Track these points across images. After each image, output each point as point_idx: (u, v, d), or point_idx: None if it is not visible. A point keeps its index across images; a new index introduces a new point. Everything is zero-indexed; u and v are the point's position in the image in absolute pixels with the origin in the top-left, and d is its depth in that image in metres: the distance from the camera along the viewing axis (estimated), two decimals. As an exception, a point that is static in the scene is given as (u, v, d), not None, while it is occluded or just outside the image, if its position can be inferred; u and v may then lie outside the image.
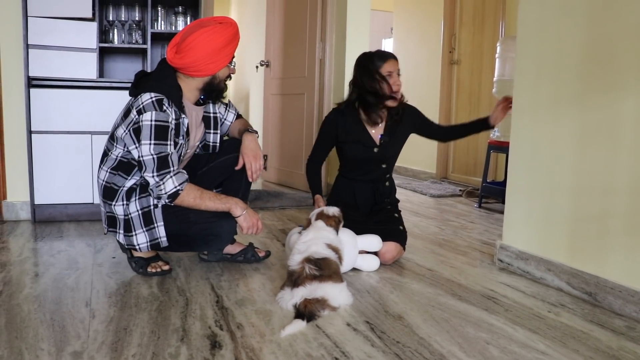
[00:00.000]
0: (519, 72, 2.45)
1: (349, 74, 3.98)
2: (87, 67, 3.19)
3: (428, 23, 5.76)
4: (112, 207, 2.18)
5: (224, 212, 2.17)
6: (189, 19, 3.51)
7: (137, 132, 2.06)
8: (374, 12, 4.83)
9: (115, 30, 3.43)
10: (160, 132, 2.06)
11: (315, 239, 2.04)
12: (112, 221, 2.21)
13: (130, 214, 2.16)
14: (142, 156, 2.05)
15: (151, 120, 2.04)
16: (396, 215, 2.67)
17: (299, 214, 3.68)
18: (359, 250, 2.37)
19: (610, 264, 2.03)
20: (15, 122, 3.21)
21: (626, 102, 1.95)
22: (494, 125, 2.68)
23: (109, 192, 2.19)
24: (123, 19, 3.47)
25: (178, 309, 1.89)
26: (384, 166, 2.69)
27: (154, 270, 2.26)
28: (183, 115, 2.18)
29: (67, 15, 3.13)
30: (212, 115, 2.43)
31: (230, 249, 2.53)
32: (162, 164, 2.05)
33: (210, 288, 2.12)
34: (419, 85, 5.82)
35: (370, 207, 2.72)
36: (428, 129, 2.81)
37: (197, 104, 2.33)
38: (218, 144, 2.45)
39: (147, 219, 2.15)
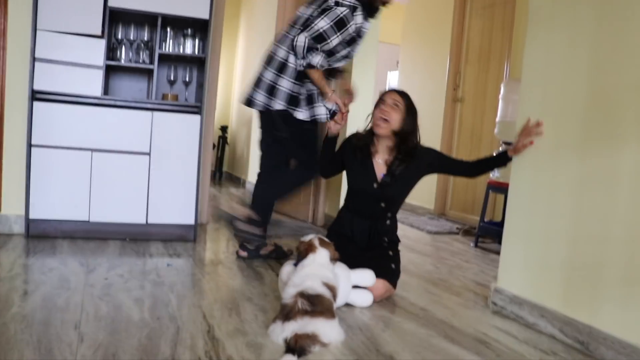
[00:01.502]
0: (521, 116, 2.46)
1: (353, 105, 4.01)
2: (92, 83, 3.21)
3: (434, 58, 5.81)
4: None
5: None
6: (197, 41, 3.54)
7: (325, 10, 2.71)
8: (381, 44, 4.86)
9: (123, 48, 3.45)
10: (339, 25, 2.71)
11: (312, 275, 2.03)
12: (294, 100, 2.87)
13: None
14: (315, 24, 2.71)
15: (341, 13, 2.69)
16: (391, 253, 2.66)
17: (295, 244, 3.65)
18: (352, 285, 2.36)
19: (604, 314, 2.02)
20: (16, 134, 3.20)
21: (625, 154, 1.96)
22: (515, 155, 2.47)
23: (293, 100, 2.86)
24: (132, 38, 3.49)
25: (168, 336, 1.87)
26: (382, 205, 2.69)
27: (266, 252, 3.06)
28: (367, 24, 2.87)
29: (76, 31, 3.15)
30: None
31: (264, 250, 3.09)
32: (319, 40, 2.72)
33: (202, 317, 2.10)
34: (421, 119, 5.85)
35: (366, 242, 2.71)
36: (449, 166, 2.81)
37: None
38: None
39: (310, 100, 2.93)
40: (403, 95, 2.67)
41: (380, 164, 2.68)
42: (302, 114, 2.92)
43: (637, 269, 1.91)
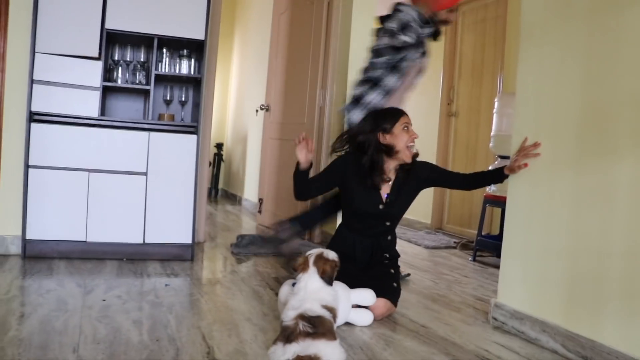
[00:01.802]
0: (517, 131, 2.47)
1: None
2: (89, 104, 3.21)
3: (427, 74, 5.83)
4: None
5: None
6: (192, 61, 3.56)
7: (395, 68, 3.00)
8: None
9: (120, 69, 3.47)
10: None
11: (311, 299, 2.01)
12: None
13: None
14: (385, 83, 2.99)
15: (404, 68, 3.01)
16: (392, 271, 2.65)
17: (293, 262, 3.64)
18: (352, 304, 2.35)
19: (606, 328, 2.01)
20: (13, 155, 3.21)
21: (622, 167, 1.98)
22: (511, 173, 2.47)
23: None
24: (128, 59, 3.51)
25: (168, 358, 1.85)
26: (387, 224, 2.69)
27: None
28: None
29: (73, 53, 3.17)
30: None
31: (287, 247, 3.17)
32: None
33: (202, 338, 2.09)
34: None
35: (367, 260, 2.70)
36: (446, 179, 2.81)
37: None
38: None
39: None
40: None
41: (385, 185, 2.67)
42: None
43: (638, 283, 1.91)
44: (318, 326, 1.86)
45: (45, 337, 1.98)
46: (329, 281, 2.13)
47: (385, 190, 2.66)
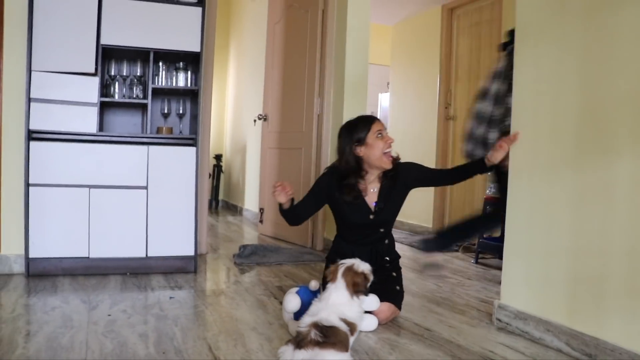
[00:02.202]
0: (514, 132, 2.49)
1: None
2: (87, 120, 3.23)
3: (424, 78, 5.87)
4: None
5: None
6: (189, 74, 3.58)
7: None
8: (371, 66, 4.93)
9: (117, 84, 3.49)
10: None
11: (329, 307, 2.01)
12: None
13: None
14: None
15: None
16: (394, 274, 2.66)
17: (296, 270, 3.66)
18: (357, 309, 2.35)
19: (609, 326, 2.02)
20: (13, 174, 3.22)
21: (621, 166, 1.99)
22: (491, 163, 2.53)
23: None
24: (125, 74, 3.53)
25: (174, 371, 1.86)
26: (381, 230, 2.70)
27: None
28: None
29: (70, 70, 3.18)
30: None
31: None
32: None
33: (208, 349, 2.09)
34: (415, 139, 5.90)
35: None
36: (429, 178, 2.82)
37: None
38: None
39: None
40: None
41: (371, 193, 2.67)
42: None
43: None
44: (330, 336, 1.87)
45: (52, 354, 1.98)
46: (363, 293, 2.12)
47: (372, 199, 2.66)
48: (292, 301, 2.28)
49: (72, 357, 1.95)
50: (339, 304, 2.05)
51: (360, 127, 2.59)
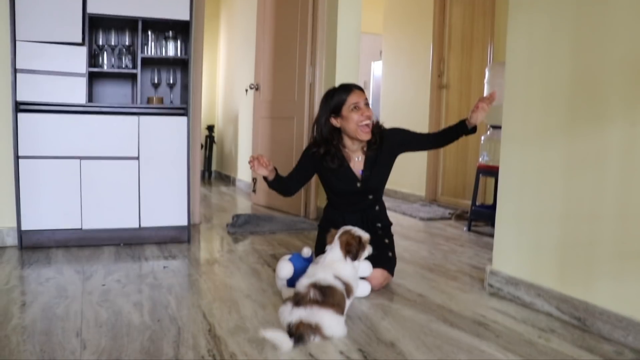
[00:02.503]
0: (507, 100, 2.48)
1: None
2: (76, 91, 3.19)
3: (417, 47, 5.83)
4: None
5: None
6: (179, 43, 3.53)
7: None
8: (363, 34, 4.89)
9: (105, 54, 3.44)
10: None
11: (326, 269, 2.04)
12: None
13: None
14: None
15: None
16: (386, 241, 2.68)
17: (289, 239, 3.68)
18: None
19: (598, 290, 2.05)
20: (2, 146, 3.19)
21: (612, 132, 1.99)
22: (472, 124, 2.57)
23: None
24: (113, 44, 3.48)
25: (170, 338, 1.88)
26: (370, 197, 2.70)
27: None
28: None
29: (56, 39, 3.13)
30: None
31: None
32: None
33: (202, 316, 2.11)
34: (408, 108, 5.88)
35: (361, 233, 2.73)
36: (415, 142, 2.76)
37: None
38: None
39: None
40: (363, 90, 2.62)
41: (356, 162, 2.67)
42: None
43: (629, 244, 1.94)
44: (328, 296, 1.91)
45: (48, 323, 1.99)
46: (352, 257, 2.14)
47: (358, 167, 2.66)
48: (285, 268, 2.30)
49: (67, 326, 1.97)
50: (333, 262, 2.10)
51: (337, 98, 2.56)
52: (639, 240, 1.90)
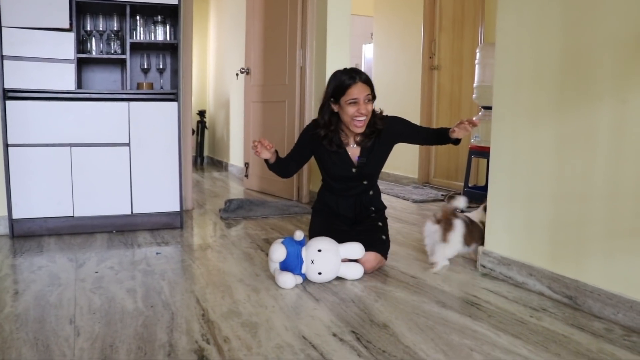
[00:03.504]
0: (498, 80, 2.48)
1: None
2: (64, 78, 3.16)
3: (408, 28, 5.80)
4: None
5: None
6: (168, 27, 3.50)
7: None
8: (354, 17, 4.85)
9: (93, 40, 3.40)
10: None
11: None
12: None
13: None
14: None
15: None
16: (380, 224, 2.68)
17: (282, 223, 3.68)
18: (342, 258, 2.38)
19: (589, 268, 2.06)
20: (-8, 135, 3.16)
21: (602, 112, 1.99)
22: (453, 137, 2.62)
23: None
24: (101, 29, 3.44)
25: (164, 323, 1.88)
26: (365, 182, 2.70)
27: None
28: None
29: (43, 25, 3.09)
30: None
31: None
32: None
33: (196, 301, 2.12)
34: (399, 90, 5.86)
35: (354, 216, 2.73)
36: (413, 136, 2.78)
37: None
38: None
39: None
40: (369, 82, 2.58)
41: (353, 148, 2.67)
42: None
43: (619, 223, 1.95)
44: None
45: (41, 311, 1.99)
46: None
47: (355, 153, 2.67)
48: (278, 251, 2.30)
49: (61, 313, 1.97)
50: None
51: (339, 85, 2.54)
52: (629, 218, 1.91)
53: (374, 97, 2.59)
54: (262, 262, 2.69)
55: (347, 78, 2.53)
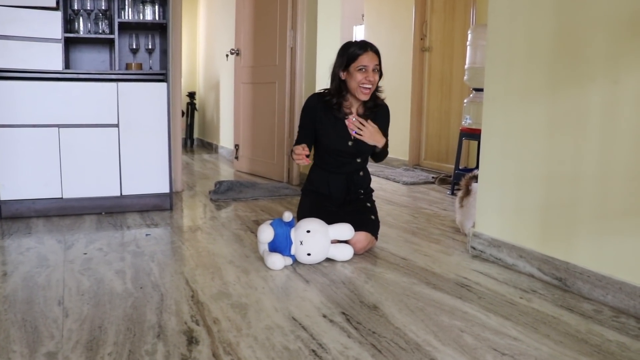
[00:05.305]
0: (489, 61, 2.47)
1: (320, 62, 3.98)
2: (52, 58, 3.11)
3: (399, 9, 5.76)
4: None
5: None
6: (157, 7, 3.45)
7: None
8: (345, -2, 4.81)
9: (81, 19, 3.35)
10: None
11: None
12: None
13: None
14: None
15: None
16: (369, 204, 2.68)
17: (272, 205, 3.67)
18: (332, 239, 2.38)
19: (578, 250, 2.07)
20: (-22, 115, 3.11)
21: (594, 92, 1.99)
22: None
23: None
24: (89, 8, 3.38)
25: (153, 304, 1.88)
26: (358, 160, 2.70)
27: None
28: None
29: (29, 4, 3.03)
30: None
31: None
32: None
33: (185, 282, 2.11)
34: (390, 72, 5.81)
35: (343, 197, 2.73)
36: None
37: None
38: None
39: None
40: (378, 54, 2.63)
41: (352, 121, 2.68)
42: None
43: (609, 205, 1.95)
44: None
45: (29, 292, 1.98)
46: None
47: (352, 126, 2.66)
48: (265, 231, 2.29)
49: (49, 295, 1.95)
50: None
51: (350, 53, 2.58)
52: (620, 200, 1.92)
53: (381, 72, 2.61)
54: (251, 243, 2.68)
55: (359, 47, 2.59)
